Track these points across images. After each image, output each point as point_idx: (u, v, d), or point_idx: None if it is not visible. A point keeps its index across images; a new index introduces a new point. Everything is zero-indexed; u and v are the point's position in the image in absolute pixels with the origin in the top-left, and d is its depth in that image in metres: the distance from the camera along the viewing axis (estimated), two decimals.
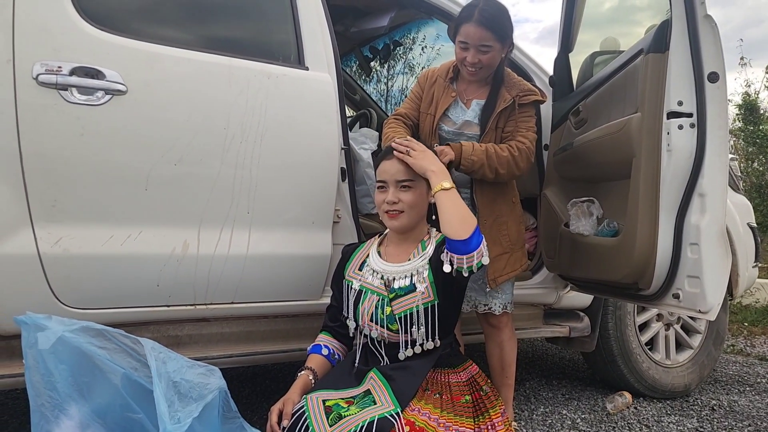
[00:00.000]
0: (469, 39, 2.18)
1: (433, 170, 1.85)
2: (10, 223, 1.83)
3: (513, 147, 2.24)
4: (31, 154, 1.84)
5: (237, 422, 1.61)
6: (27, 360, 1.48)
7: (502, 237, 2.34)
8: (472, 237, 1.73)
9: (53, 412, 1.41)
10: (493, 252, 2.29)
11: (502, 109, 2.27)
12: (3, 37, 1.82)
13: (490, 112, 2.28)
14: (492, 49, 2.19)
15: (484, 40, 2.17)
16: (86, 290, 1.97)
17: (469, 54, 2.20)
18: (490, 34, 2.16)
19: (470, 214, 1.79)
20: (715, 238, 1.98)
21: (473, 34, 2.16)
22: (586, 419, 2.83)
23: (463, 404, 1.79)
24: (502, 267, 2.33)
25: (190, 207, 2.08)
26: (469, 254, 1.73)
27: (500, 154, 2.21)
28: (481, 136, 2.28)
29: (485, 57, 2.20)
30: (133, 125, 1.97)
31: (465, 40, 2.19)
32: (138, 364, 1.52)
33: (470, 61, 2.21)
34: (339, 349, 2.02)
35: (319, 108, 2.29)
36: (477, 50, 2.19)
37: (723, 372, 3.79)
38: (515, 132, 2.29)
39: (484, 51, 2.19)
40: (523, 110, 2.31)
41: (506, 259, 2.34)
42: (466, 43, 2.19)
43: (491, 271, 2.30)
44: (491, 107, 2.28)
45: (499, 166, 2.21)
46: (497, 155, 2.20)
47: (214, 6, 2.30)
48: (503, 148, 2.23)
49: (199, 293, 2.13)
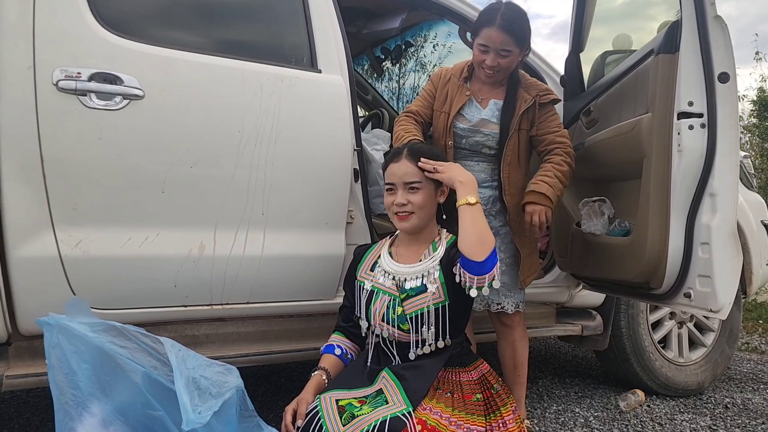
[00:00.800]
0: (490, 43, 2.19)
1: (461, 181, 1.87)
2: (32, 227, 1.88)
3: (566, 155, 2.31)
4: (52, 159, 1.89)
5: (254, 421, 1.65)
6: (50, 360, 1.52)
7: (528, 238, 2.37)
8: (487, 259, 1.74)
9: (77, 409, 1.46)
10: (522, 252, 2.34)
11: (524, 110, 2.29)
12: (24, 44, 1.86)
13: (511, 114, 2.30)
14: (511, 54, 2.21)
15: (505, 44, 2.18)
16: (106, 291, 2.01)
17: (489, 57, 2.21)
18: (511, 38, 2.18)
19: (490, 235, 1.79)
20: (726, 238, 1.99)
21: (495, 39, 2.17)
22: (599, 417, 2.84)
23: (475, 402, 1.81)
24: (529, 267, 2.37)
25: (206, 209, 2.12)
26: (482, 276, 1.75)
27: (565, 172, 2.29)
28: (507, 140, 2.29)
29: (504, 61, 2.22)
30: (150, 129, 2.01)
31: (485, 44, 2.20)
32: (158, 363, 1.56)
33: (489, 64, 2.22)
34: (352, 348, 2.04)
35: (332, 110, 2.32)
36: (497, 54, 2.20)
37: (737, 370, 3.78)
38: (551, 134, 2.33)
39: (504, 55, 2.21)
40: (546, 110, 2.35)
41: (532, 259, 2.39)
42: (486, 47, 2.20)
43: (522, 272, 2.34)
44: (512, 108, 2.30)
45: (567, 180, 2.31)
46: (563, 175, 2.28)
47: (227, 10, 2.33)
48: (561, 162, 2.29)
49: (215, 294, 2.17)
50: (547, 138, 2.34)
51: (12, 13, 1.86)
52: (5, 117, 1.84)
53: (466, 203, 1.82)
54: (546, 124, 2.34)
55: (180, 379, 1.42)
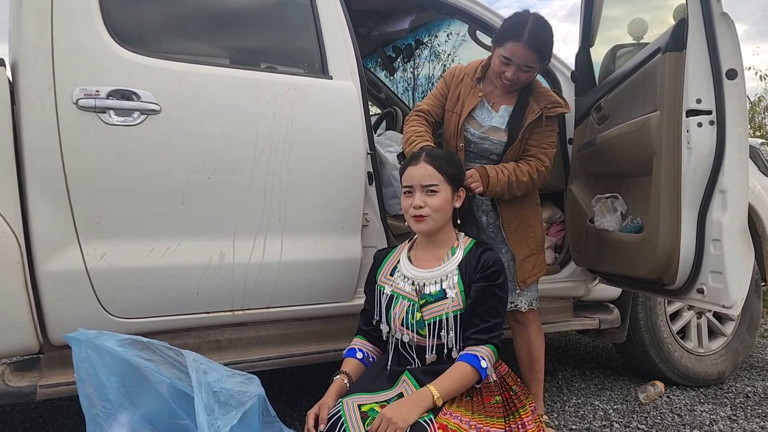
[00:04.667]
0: (515, 58, 2.17)
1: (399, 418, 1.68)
2: (59, 241, 1.96)
3: (533, 170, 2.29)
4: (75, 175, 1.95)
5: (276, 426, 1.71)
6: (79, 373, 1.59)
7: (529, 239, 2.39)
8: (479, 380, 1.85)
9: (107, 420, 1.53)
10: (521, 254, 2.35)
11: (531, 122, 2.29)
12: (43, 64, 1.92)
13: (519, 124, 2.30)
14: (533, 69, 2.22)
15: (530, 61, 2.18)
16: (131, 301, 2.09)
17: (510, 71, 2.20)
18: (536, 56, 2.18)
19: (469, 382, 1.83)
20: (737, 235, 2.00)
21: (520, 55, 2.16)
22: (619, 410, 2.86)
23: (494, 405, 1.85)
24: (530, 269, 2.38)
25: (225, 218, 2.17)
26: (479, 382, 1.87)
27: (521, 180, 2.26)
28: (508, 147, 2.31)
29: (525, 75, 2.23)
30: (167, 142, 2.07)
31: (509, 57, 2.18)
32: (182, 375, 1.63)
33: (510, 77, 2.22)
34: (373, 352, 2.09)
35: (344, 115, 2.36)
36: (518, 68, 2.20)
37: (759, 357, 3.77)
38: (537, 147, 2.33)
39: (526, 70, 2.21)
40: (549, 123, 2.34)
41: (534, 260, 2.40)
42: (509, 60, 2.19)
43: (520, 273, 2.36)
44: (520, 118, 2.30)
45: (518, 190, 2.29)
46: (518, 182, 2.26)
47: (238, 21, 2.38)
48: (524, 172, 2.27)
49: (236, 300, 2.23)
50: (532, 150, 2.33)
51: (31, 35, 1.92)
52: (29, 136, 1.91)
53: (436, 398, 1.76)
54: (540, 137, 2.33)
55: (199, 395, 1.48)
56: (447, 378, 1.79)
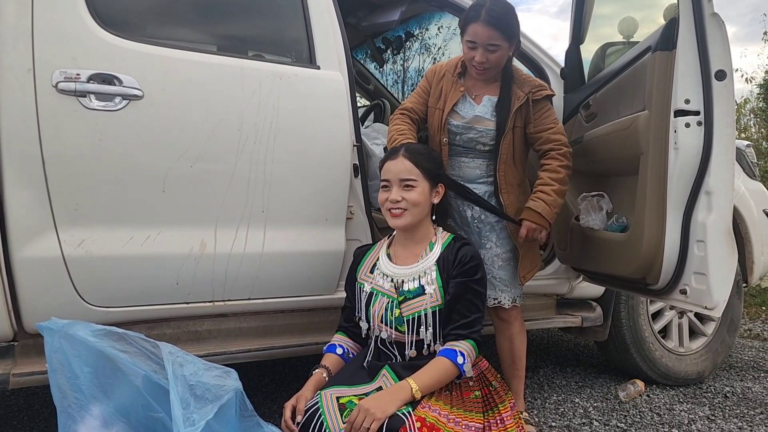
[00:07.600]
0: (477, 38, 2.19)
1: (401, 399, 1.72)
2: (35, 228, 1.91)
3: (561, 157, 2.31)
4: (53, 160, 1.91)
5: (253, 420, 1.69)
6: (51, 363, 1.56)
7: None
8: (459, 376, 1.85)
9: (79, 412, 1.49)
10: (522, 249, 2.36)
11: (518, 107, 2.29)
12: (23, 46, 1.87)
13: (507, 112, 2.29)
14: (500, 48, 2.21)
15: (492, 39, 2.18)
16: (109, 290, 2.05)
17: (477, 53, 2.21)
18: (497, 33, 2.17)
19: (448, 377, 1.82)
20: (722, 236, 2.00)
21: (481, 34, 2.17)
22: (599, 408, 2.87)
23: (473, 399, 1.85)
24: (530, 263, 2.40)
25: (207, 207, 2.14)
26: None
27: (562, 180, 2.29)
28: (501, 138, 2.30)
29: (493, 56, 2.22)
30: (149, 129, 2.02)
31: (473, 40, 2.20)
32: (157, 367, 1.60)
33: (478, 60, 2.22)
34: (353, 348, 2.08)
35: (331, 106, 2.33)
36: (485, 49, 2.20)
37: (738, 357, 3.81)
38: (544, 131, 2.33)
39: (492, 50, 2.21)
40: (540, 106, 2.34)
41: (533, 255, 2.42)
42: (474, 43, 2.21)
43: (521, 269, 2.36)
44: (506, 105, 2.30)
45: (566, 185, 2.32)
46: (562, 184, 2.29)
47: (225, 8, 2.34)
48: (557, 169, 2.29)
49: (217, 290, 2.20)
50: (543, 136, 2.34)
51: (11, 16, 1.87)
52: (6, 120, 1.85)
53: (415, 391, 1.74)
54: (541, 120, 2.34)
55: (175, 389, 1.46)
56: (426, 372, 1.79)
